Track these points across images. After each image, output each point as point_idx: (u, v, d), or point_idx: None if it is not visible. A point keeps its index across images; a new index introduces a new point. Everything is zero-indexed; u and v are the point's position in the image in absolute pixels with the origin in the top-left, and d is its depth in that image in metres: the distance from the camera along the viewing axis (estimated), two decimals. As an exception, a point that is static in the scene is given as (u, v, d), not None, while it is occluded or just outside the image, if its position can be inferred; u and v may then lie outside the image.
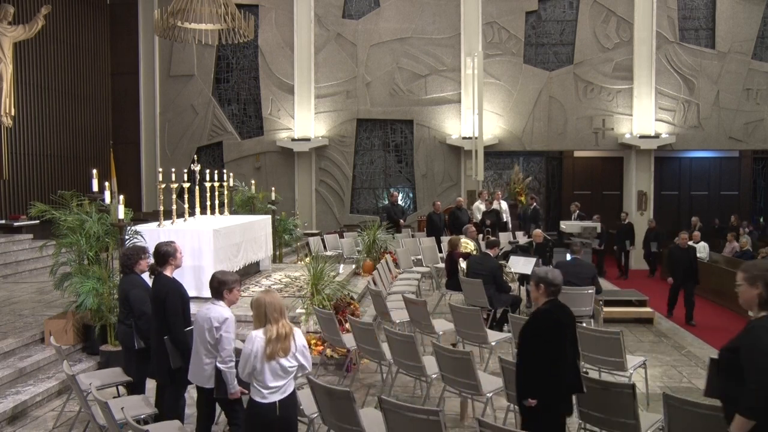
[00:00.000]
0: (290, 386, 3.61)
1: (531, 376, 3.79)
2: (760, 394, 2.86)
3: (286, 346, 3.49)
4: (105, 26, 15.84)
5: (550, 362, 3.72)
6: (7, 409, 5.32)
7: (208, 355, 4.16)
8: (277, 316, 3.53)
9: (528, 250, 10.10)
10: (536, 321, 3.90)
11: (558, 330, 3.78)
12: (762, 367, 2.88)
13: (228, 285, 4.13)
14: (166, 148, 16.22)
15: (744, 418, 2.92)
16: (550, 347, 3.74)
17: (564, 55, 15.64)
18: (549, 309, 3.88)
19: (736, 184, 18.45)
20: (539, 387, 3.74)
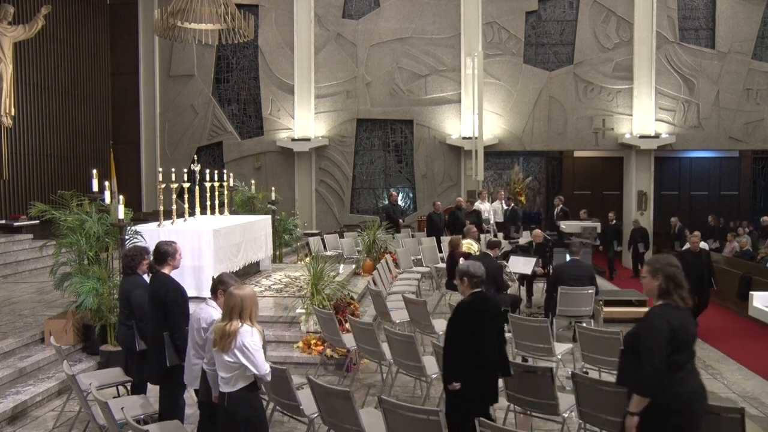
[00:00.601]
0: (240, 382, 3.61)
1: (455, 361, 4.13)
2: (651, 374, 3.19)
3: (224, 344, 3.54)
4: (105, 26, 15.84)
5: (473, 349, 4.05)
6: (7, 409, 5.32)
7: (196, 355, 4.15)
8: (230, 315, 3.59)
9: (528, 250, 10.10)
10: (461, 311, 4.22)
11: (480, 320, 4.12)
12: (652, 348, 3.22)
13: (224, 285, 4.10)
14: (166, 148, 16.22)
15: (639, 396, 3.25)
16: (474, 336, 4.07)
17: (564, 55, 15.64)
18: (473, 300, 4.22)
19: (736, 184, 18.48)
20: (462, 372, 4.07)
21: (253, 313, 3.62)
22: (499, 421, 4.99)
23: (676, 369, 3.27)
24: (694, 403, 3.31)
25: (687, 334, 3.33)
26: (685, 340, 3.32)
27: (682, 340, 3.29)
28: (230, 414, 3.64)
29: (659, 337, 3.24)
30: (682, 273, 3.41)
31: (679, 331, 3.28)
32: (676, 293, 3.37)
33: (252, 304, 3.61)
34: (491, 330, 4.14)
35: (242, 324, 3.57)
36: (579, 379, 4.38)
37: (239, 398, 3.63)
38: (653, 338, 3.26)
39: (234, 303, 3.59)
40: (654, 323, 3.31)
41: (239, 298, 3.59)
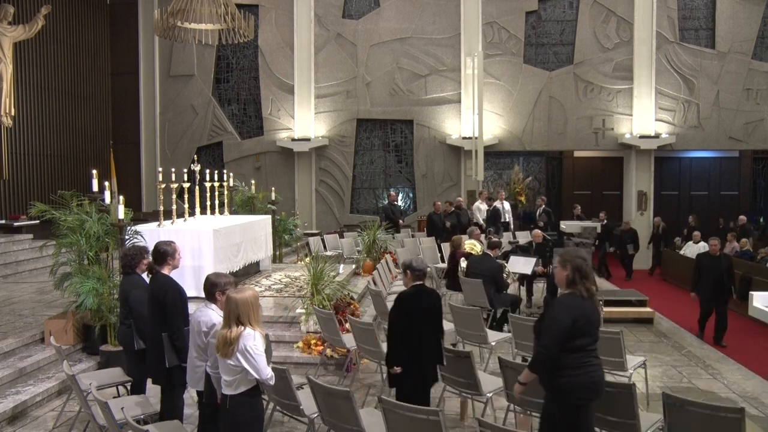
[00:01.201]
0: (242, 385, 3.62)
1: (396, 347, 4.56)
2: (542, 354, 3.66)
3: (226, 351, 3.54)
4: (105, 26, 15.84)
5: (411, 337, 4.47)
6: (7, 409, 5.32)
7: (199, 357, 4.16)
8: (230, 320, 3.59)
9: (528, 250, 10.10)
10: (402, 301, 4.62)
11: (418, 310, 4.51)
12: (551, 333, 3.63)
13: (220, 287, 4.09)
14: (166, 148, 16.22)
15: (528, 370, 3.80)
16: (411, 325, 4.49)
17: (564, 55, 15.64)
18: (413, 292, 4.63)
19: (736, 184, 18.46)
20: (402, 357, 4.50)
21: (254, 316, 3.60)
22: (499, 421, 5.00)
23: (577, 351, 3.64)
24: (592, 383, 3.68)
25: (588, 322, 3.68)
26: (586, 327, 3.66)
27: (582, 327, 3.64)
28: (231, 416, 3.65)
29: (559, 323, 3.63)
30: (589, 266, 3.78)
31: (580, 319, 3.63)
32: (581, 284, 3.71)
33: (250, 307, 3.59)
34: (428, 320, 4.53)
35: (244, 328, 3.56)
36: (579, 379, 4.36)
37: (241, 401, 3.63)
38: (552, 324, 3.66)
39: (230, 309, 3.59)
40: (556, 311, 3.72)
41: (235, 303, 3.58)
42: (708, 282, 8.37)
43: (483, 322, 6.57)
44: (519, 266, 9.18)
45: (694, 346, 8.00)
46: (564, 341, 3.61)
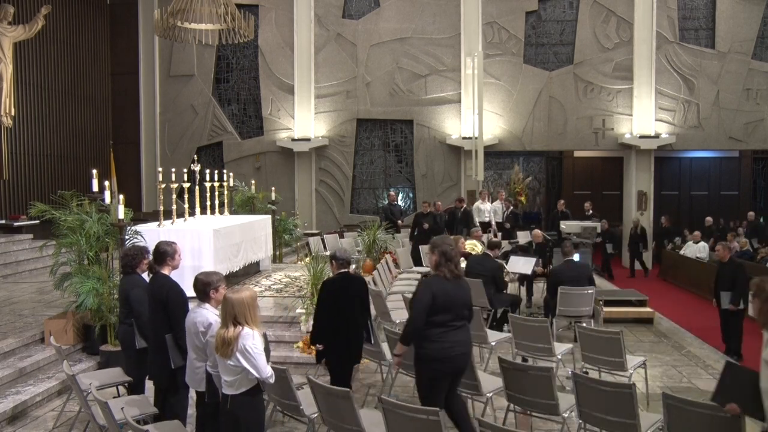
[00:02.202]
0: (243, 385, 3.62)
1: (320, 327, 5.04)
2: (410, 327, 4.20)
3: (225, 351, 3.55)
4: (105, 26, 15.84)
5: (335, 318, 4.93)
6: (7, 409, 5.32)
7: (198, 358, 4.16)
8: (227, 320, 3.60)
9: (528, 250, 10.10)
10: (326, 287, 5.11)
11: (341, 294, 4.97)
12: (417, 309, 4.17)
13: (213, 285, 4.11)
14: (166, 148, 16.22)
15: (400, 343, 4.33)
16: (335, 307, 4.95)
17: (564, 55, 15.64)
18: (336, 279, 5.07)
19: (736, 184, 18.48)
20: (326, 336, 5.00)
21: (251, 315, 3.61)
22: (499, 421, 5.00)
23: (438, 326, 4.16)
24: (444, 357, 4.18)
25: (449, 300, 4.19)
26: (446, 305, 4.18)
27: (442, 304, 4.16)
28: (233, 417, 3.65)
29: (420, 301, 4.18)
30: (454, 250, 4.30)
31: (441, 297, 4.16)
32: (446, 266, 4.24)
33: (246, 307, 3.60)
34: (351, 303, 4.97)
35: (243, 328, 3.57)
36: (579, 379, 4.38)
37: (242, 401, 3.64)
38: (417, 302, 4.20)
39: (227, 309, 3.61)
40: (421, 290, 4.26)
41: (231, 304, 3.59)
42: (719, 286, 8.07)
43: (483, 322, 6.57)
44: (519, 266, 9.18)
45: (694, 346, 8.00)
46: (426, 316, 4.14)
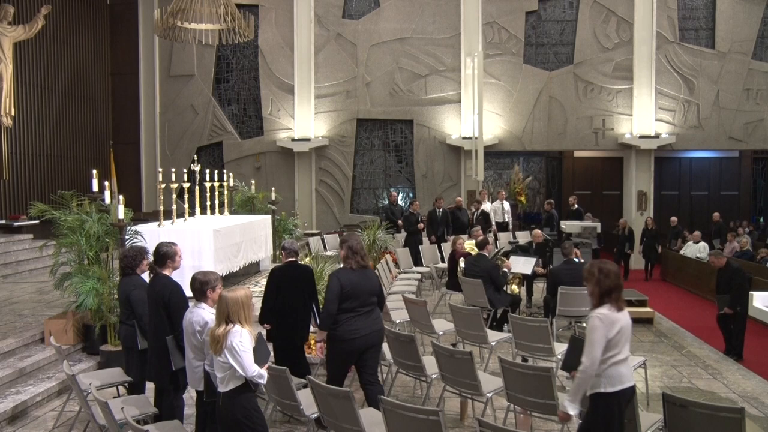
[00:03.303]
0: (232, 382, 3.65)
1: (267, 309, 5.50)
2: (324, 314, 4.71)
3: (216, 348, 3.62)
4: (105, 26, 15.84)
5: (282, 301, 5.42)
6: (7, 409, 5.32)
7: (196, 357, 4.17)
8: (219, 318, 3.66)
9: (528, 250, 10.10)
10: (272, 273, 5.63)
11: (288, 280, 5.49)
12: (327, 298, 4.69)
13: (210, 284, 4.15)
14: (166, 148, 16.22)
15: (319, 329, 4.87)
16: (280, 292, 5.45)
17: (564, 55, 15.64)
18: (283, 267, 5.61)
19: (736, 184, 18.47)
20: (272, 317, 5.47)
21: (243, 314, 3.65)
22: (499, 421, 5.00)
23: (346, 312, 4.68)
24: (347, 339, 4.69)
25: (355, 289, 4.69)
26: (353, 293, 4.68)
27: (348, 293, 4.67)
28: (224, 413, 3.70)
29: (330, 291, 4.68)
30: (360, 244, 4.86)
31: (347, 287, 4.67)
32: (352, 259, 4.78)
33: (240, 306, 3.64)
34: (295, 289, 5.46)
35: (233, 326, 3.62)
36: (579, 379, 4.37)
37: (232, 398, 3.68)
38: (329, 291, 4.69)
39: (221, 307, 3.66)
40: (330, 281, 4.74)
41: (226, 302, 3.65)
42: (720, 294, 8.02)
43: (483, 322, 6.57)
44: (519, 266, 9.17)
45: (694, 346, 8.00)
46: (337, 303, 4.65)
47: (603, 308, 3.68)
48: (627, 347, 3.74)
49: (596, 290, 3.71)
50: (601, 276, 3.71)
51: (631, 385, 3.76)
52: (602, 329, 3.61)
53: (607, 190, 18.32)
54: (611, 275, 3.71)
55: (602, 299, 3.69)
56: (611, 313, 3.65)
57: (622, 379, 3.67)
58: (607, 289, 3.68)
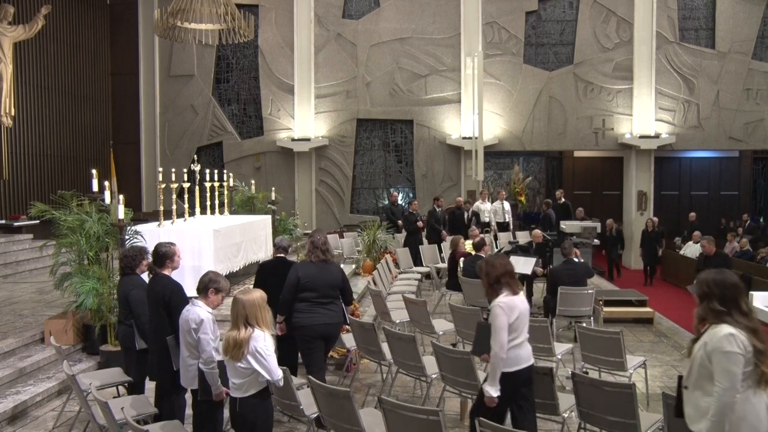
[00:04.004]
0: (252, 387, 3.62)
1: None
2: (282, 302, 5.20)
3: (235, 354, 3.54)
4: (105, 26, 15.84)
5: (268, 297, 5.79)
6: (7, 409, 5.32)
7: (191, 356, 4.16)
8: (237, 322, 3.58)
9: (528, 251, 10.10)
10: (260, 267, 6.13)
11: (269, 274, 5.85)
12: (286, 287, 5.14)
13: (216, 285, 4.11)
14: (166, 148, 16.22)
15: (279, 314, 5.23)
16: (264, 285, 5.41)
17: (564, 55, 15.64)
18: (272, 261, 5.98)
19: (736, 184, 18.47)
20: None
21: (261, 317, 3.60)
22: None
23: (305, 301, 5.09)
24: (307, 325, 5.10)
25: (313, 281, 5.09)
26: (311, 285, 5.08)
27: (306, 284, 5.08)
28: (243, 419, 3.64)
29: (289, 281, 5.10)
30: (322, 240, 5.28)
31: (305, 279, 5.10)
32: (313, 253, 5.22)
33: (258, 308, 3.59)
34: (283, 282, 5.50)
35: (253, 330, 3.55)
36: (579, 379, 4.38)
37: (251, 404, 3.63)
38: (287, 281, 5.12)
39: (238, 310, 3.58)
40: (290, 272, 5.15)
41: (242, 305, 3.57)
42: None
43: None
44: (519, 266, 9.15)
45: (694, 346, 7.98)
46: (294, 292, 5.08)
47: (501, 296, 3.99)
48: (525, 330, 4.10)
49: (486, 281, 4.06)
50: (488, 268, 4.07)
51: (529, 365, 4.09)
52: (503, 316, 3.92)
53: (607, 190, 18.33)
54: (496, 265, 4.06)
55: (496, 288, 4.01)
56: (510, 299, 3.98)
57: (518, 361, 4.01)
58: (495, 278, 4.01)
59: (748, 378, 2.97)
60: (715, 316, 3.05)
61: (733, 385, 2.92)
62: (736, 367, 2.92)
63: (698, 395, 3.11)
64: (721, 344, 2.95)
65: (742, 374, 2.94)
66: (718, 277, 3.13)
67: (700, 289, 3.16)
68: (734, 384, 2.92)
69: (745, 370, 2.95)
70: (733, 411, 2.95)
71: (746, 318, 3.03)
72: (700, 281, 3.18)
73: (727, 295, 3.05)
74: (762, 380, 2.97)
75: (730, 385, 2.92)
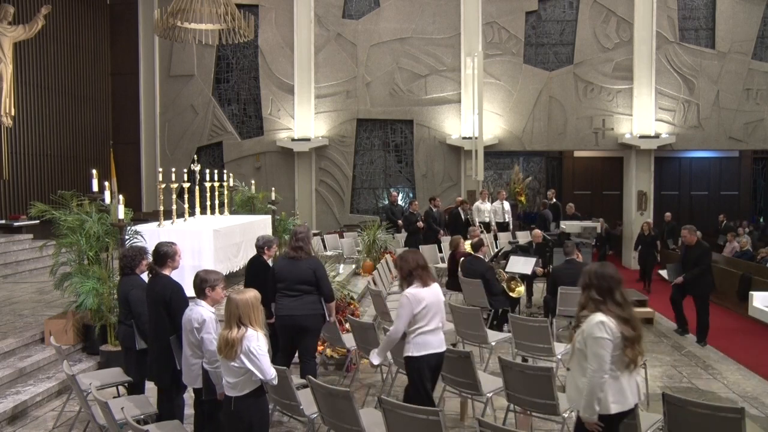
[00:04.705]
0: (247, 386, 3.62)
1: None
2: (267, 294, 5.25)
3: (229, 353, 3.55)
4: (105, 26, 15.84)
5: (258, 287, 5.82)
6: (7, 409, 5.32)
7: (194, 355, 4.17)
8: (230, 322, 3.60)
9: (528, 250, 10.10)
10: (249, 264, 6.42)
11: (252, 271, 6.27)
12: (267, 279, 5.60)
13: (210, 283, 4.12)
14: (166, 148, 16.22)
15: None
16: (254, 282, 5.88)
17: (564, 55, 15.64)
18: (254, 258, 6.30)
19: (736, 184, 18.49)
20: None
21: (254, 317, 3.61)
22: (499, 421, 5.00)
23: (278, 292, 5.41)
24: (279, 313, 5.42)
25: (283, 274, 5.39)
26: (281, 277, 5.40)
27: (278, 277, 5.42)
28: (238, 418, 3.65)
29: (271, 275, 5.51)
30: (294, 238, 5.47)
31: (278, 271, 5.46)
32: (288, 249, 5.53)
33: (251, 308, 3.60)
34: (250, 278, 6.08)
35: (246, 329, 3.57)
36: (579, 379, 4.37)
37: (247, 403, 3.64)
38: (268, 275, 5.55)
39: (231, 310, 3.60)
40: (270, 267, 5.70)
41: (234, 305, 3.59)
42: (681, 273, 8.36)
43: (483, 322, 6.57)
44: (519, 266, 9.17)
45: (694, 346, 8.00)
46: (272, 283, 5.44)
47: (411, 288, 4.36)
48: (437, 319, 4.42)
49: (400, 274, 4.50)
50: (401, 262, 4.47)
51: (439, 351, 4.46)
52: (408, 306, 4.32)
53: (607, 190, 18.34)
54: (408, 260, 4.43)
55: (408, 280, 4.39)
56: (418, 291, 4.34)
57: (427, 347, 4.40)
58: (408, 271, 4.38)
59: (618, 361, 3.34)
60: (593, 304, 3.40)
61: (601, 367, 3.29)
62: (604, 351, 3.29)
63: (577, 376, 3.45)
64: (593, 330, 3.33)
65: (610, 358, 3.30)
66: (599, 269, 3.48)
67: (583, 280, 3.50)
68: (602, 366, 3.29)
69: (614, 354, 3.31)
70: (602, 390, 3.32)
71: (619, 307, 3.39)
72: (584, 272, 3.52)
73: (604, 286, 3.40)
74: (630, 363, 3.37)
75: (599, 366, 3.29)
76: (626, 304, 3.45)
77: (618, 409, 3.42)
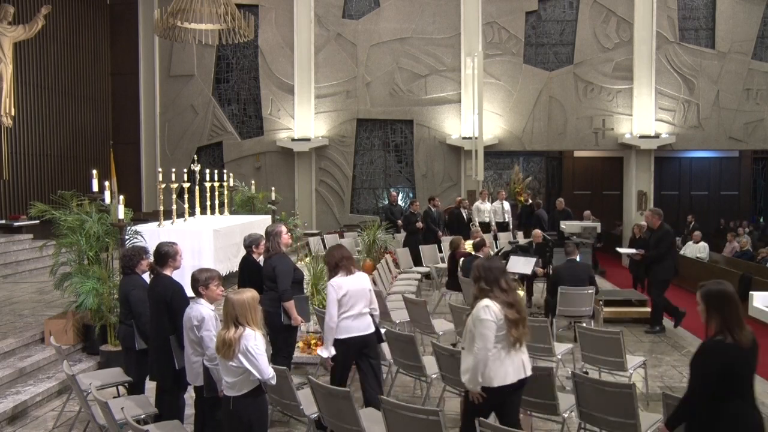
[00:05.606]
0: (245, 386, 3.63)
1: None
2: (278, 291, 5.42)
3: (227, 353, 3.56)
4: (105, 26, 15.84)
5: None
6: (7, 409, 5.32)
7: (195, 353, 4.18)
8: (227, 322, 3.61)
9: (528, 250, 10.10)
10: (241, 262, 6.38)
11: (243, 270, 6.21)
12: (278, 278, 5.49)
13: (201, 282, 4.13)
14: (166, 148, 16.22)
15: None
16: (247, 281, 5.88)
17: (564, 55, 15.64)
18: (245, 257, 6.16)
19: (736, 184, 18.49)
20: None
21: (251, 316, 3.62)
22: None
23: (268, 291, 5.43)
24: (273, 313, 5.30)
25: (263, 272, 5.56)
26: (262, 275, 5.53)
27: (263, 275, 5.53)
28: (237, 418, 3.65)
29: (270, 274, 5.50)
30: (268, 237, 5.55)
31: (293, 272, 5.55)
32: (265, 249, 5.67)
33: (247, 308, 3.60)
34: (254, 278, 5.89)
35: (244, 329, 3.57)
36: (579, 379, 4.38)
37: (245, 403, 3.64)
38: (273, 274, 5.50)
39: (228, 310, 3.61)
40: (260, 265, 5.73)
41: (231, 305, 3.60)
42: None
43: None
44: (519, 266, 9.17)
45: (694, 346, 7.97)
46: None
47: (335, 277, 4.80)
48: (359, 305, 4.80)
49: (327, 267, 4.95)
50: (327, 257, 4.96)
51: (363, 334, 4.82)
52: (333, 293, 4.73)
53: (607, 190, 18.34)
54: (334, 254, 4.88)
55: (335, 272, 4.82)
56: (340, 280, 4.77)
57: (349, 331, 4.77)
58: (334, 264, 4.82)
59: (503, 340, 3.80)
60: (483, 293, 3.88)
61: (485, 345, 3.75)
62: (489, 331, 3.76)
63: (468, 355, 3.87)
64: (478, 313, 3.82)
65: (495, 337, 3.76)
66: (485, 263, 4.01)
67: (473, 274, 4.01)
68: (486, 344, 3.75)
69: (498, 334, 3.78)
70: (486, 365, 3.76)
71: (505, 294, 3.87)
72: (474, 267, 4.05)
73: (490, 276, 3.89)
74: (516, 342, 3.81)
75: (483, 345, 3.75)
76: (511, 290, 3.93)
77: (500, 383, 3.82)
